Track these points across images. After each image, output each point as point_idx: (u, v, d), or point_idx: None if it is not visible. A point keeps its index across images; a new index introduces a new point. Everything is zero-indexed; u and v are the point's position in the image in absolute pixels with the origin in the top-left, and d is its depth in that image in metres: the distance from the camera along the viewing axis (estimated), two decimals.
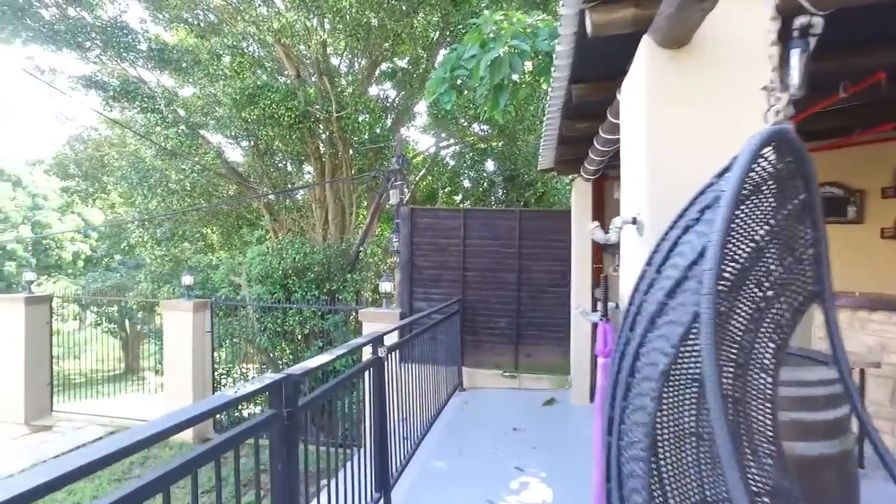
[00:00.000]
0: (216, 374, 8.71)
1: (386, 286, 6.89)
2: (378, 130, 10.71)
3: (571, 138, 4.52)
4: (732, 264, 1.10)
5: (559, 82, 3.30)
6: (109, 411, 9.14)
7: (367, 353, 3.47)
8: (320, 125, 10.24)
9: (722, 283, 1.08)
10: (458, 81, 5.90)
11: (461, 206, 13.81)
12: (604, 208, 6.17)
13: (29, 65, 13.05)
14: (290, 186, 11.78)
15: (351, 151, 10.84)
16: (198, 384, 7.84)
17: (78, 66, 12.04)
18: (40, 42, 11.50)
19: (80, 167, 14.13)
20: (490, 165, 13.80)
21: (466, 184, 14.70)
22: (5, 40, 11.69)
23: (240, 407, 9.69)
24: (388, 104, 12.38)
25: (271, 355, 10.74)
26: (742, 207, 1.09)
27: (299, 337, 9.71)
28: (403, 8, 9.69)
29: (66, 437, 8.10)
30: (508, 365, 6.68)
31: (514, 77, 5.53)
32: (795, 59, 1.39)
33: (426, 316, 5.25)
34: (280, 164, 12.24)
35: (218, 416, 8.46)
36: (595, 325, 2.31)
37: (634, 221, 2.10)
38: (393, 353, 3.75)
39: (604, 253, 6.16)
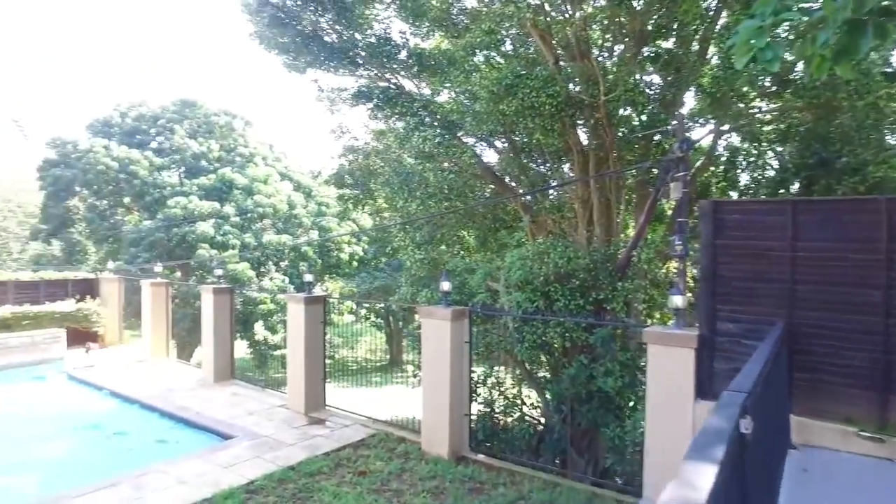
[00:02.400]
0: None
1: (677, 300, 5.45)
2: (645, 118, 9.22)
3: None
4: None
5: None
6: (374, 408, 9.26)
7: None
8: (584, 113, 9.12)
9: None
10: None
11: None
12: None
13: (314, 87, 14.45)
14: (550, 184, 10.90)
15: (618, 142, 9.51)
16: (455, 394, 7.32)
17: (349, 81, 12.98)
18: (320, 65, 12.61)
19: (352, 176, 15.29)
20: (782, 150, 11.18)
21: (744, 177, 12.25)
22: (298, 68, 13.08)
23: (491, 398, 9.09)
24: (653, 92, 10.72)
25: (528, 367, 9.97)
26: None
27: (559, 350, 8.73)
28: None
29: (335, 433, 8.33)
30: (867, 420, 4.69)
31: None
32: None
33: (773, 353, 3.70)
34: (537, 162, 11.49)
35: (473, 426, 7.89)
36: None
37: None
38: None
39: None
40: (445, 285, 7.29)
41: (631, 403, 8.58)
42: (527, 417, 9.77)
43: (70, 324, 14.54)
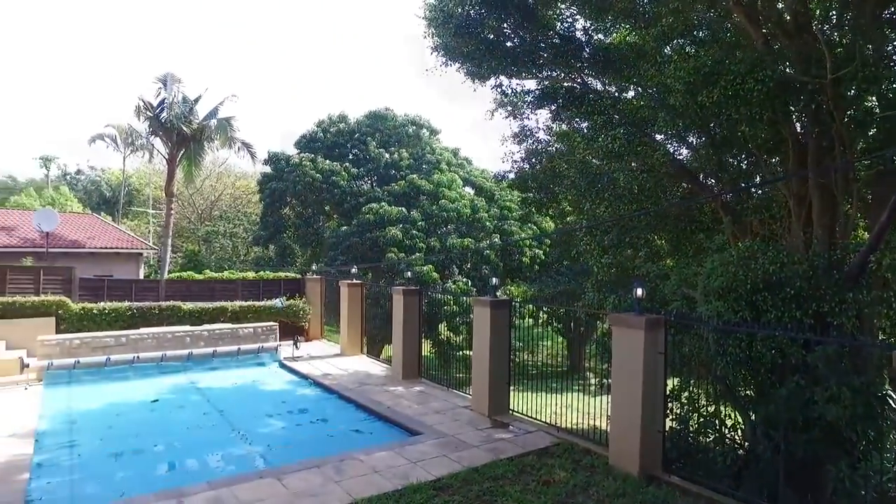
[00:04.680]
0: None
1: None
2: (892, 95, 7.71)
3: None
4: None
5: None
6: (555, 415, 9.04)
7: None
8: (802, 97, 7.95)
9: None
10: None
11: None
12: None
13: (494, 92, 14.61)
14: (755, 180, 9.71)
15: (847, 127, 8.12)
16: (647, 409, 6.81)
17: (531, 84, 12.93)
18: (503, 70, 12.70)
19: (535, 180, 15.17)
20: None
21: None
22: (481, 76, 13.35)
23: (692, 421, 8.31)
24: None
25: (728, 383, 8.96)
26: None
27: (768, 367, 7.68)
28: None
29: (518, 438, 8.27)
30: None
31: None
32: None
33: None
34: (738, 158, 10.32)
35: (667, 444, 7.26)
36: None
37: None
38: None
39: None
40: (639, 291, 6.82)
41: (866, 439, 7.22)
42: (726, 439, 8.77)
43: (282, 318, 16.54)
